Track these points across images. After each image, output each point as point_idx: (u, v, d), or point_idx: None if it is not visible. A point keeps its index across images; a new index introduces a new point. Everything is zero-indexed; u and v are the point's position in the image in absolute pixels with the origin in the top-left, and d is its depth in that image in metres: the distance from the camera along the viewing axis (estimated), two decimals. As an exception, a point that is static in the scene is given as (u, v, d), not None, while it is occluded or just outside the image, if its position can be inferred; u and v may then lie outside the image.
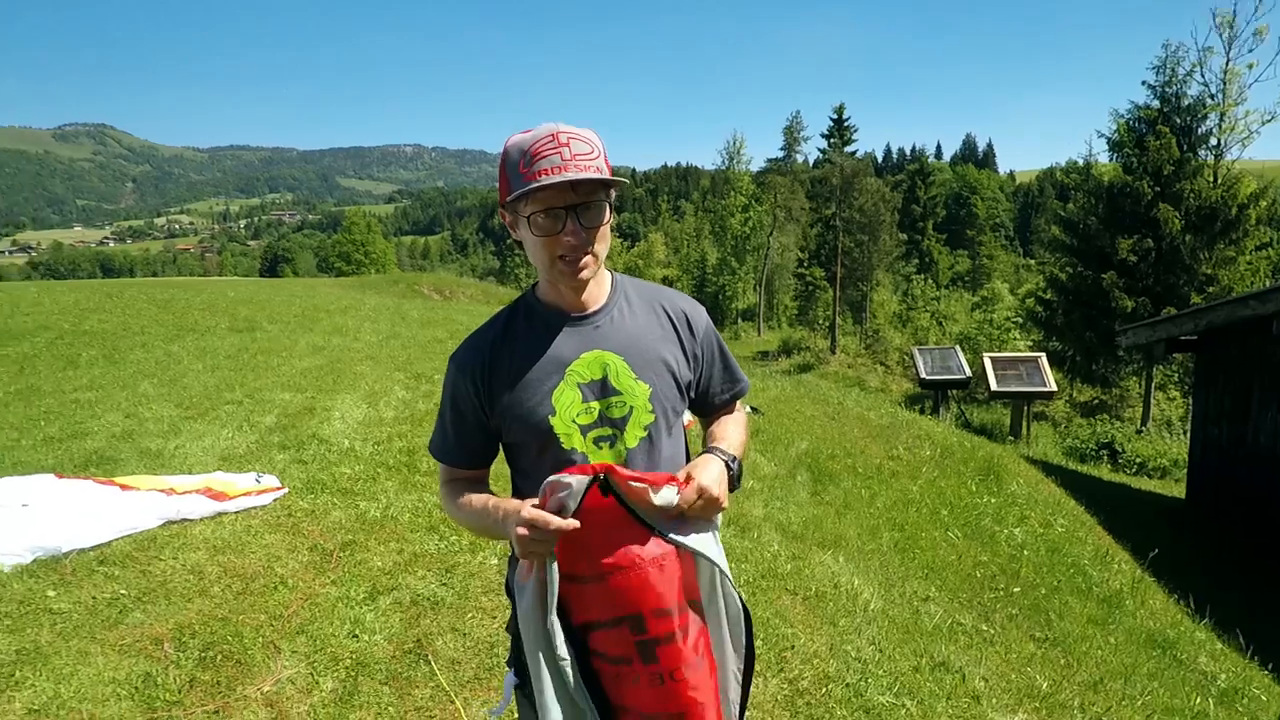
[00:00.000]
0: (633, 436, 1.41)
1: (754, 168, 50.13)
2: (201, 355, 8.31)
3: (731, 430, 1.56)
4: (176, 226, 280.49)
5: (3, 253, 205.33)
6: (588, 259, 1.32)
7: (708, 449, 1.48)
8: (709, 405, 1.59)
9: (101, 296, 12.10)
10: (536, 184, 1.24)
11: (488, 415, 1.43)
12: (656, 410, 1.43)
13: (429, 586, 3.21)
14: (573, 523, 1.22)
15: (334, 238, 59.67)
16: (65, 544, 3.46)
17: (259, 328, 10.36)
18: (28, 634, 2.76)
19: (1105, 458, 11.09)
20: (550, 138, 1.27)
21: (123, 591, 3.07)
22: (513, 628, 1.48)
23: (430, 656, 2.73)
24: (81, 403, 6.27)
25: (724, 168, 52.61)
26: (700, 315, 1.54)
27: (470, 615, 3.02)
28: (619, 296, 1.47)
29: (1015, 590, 4.07)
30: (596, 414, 1.40)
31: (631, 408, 1.41)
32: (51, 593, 3.07)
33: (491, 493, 1.47)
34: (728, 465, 1.42)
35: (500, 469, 1.54)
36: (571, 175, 1.24)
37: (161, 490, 4.07)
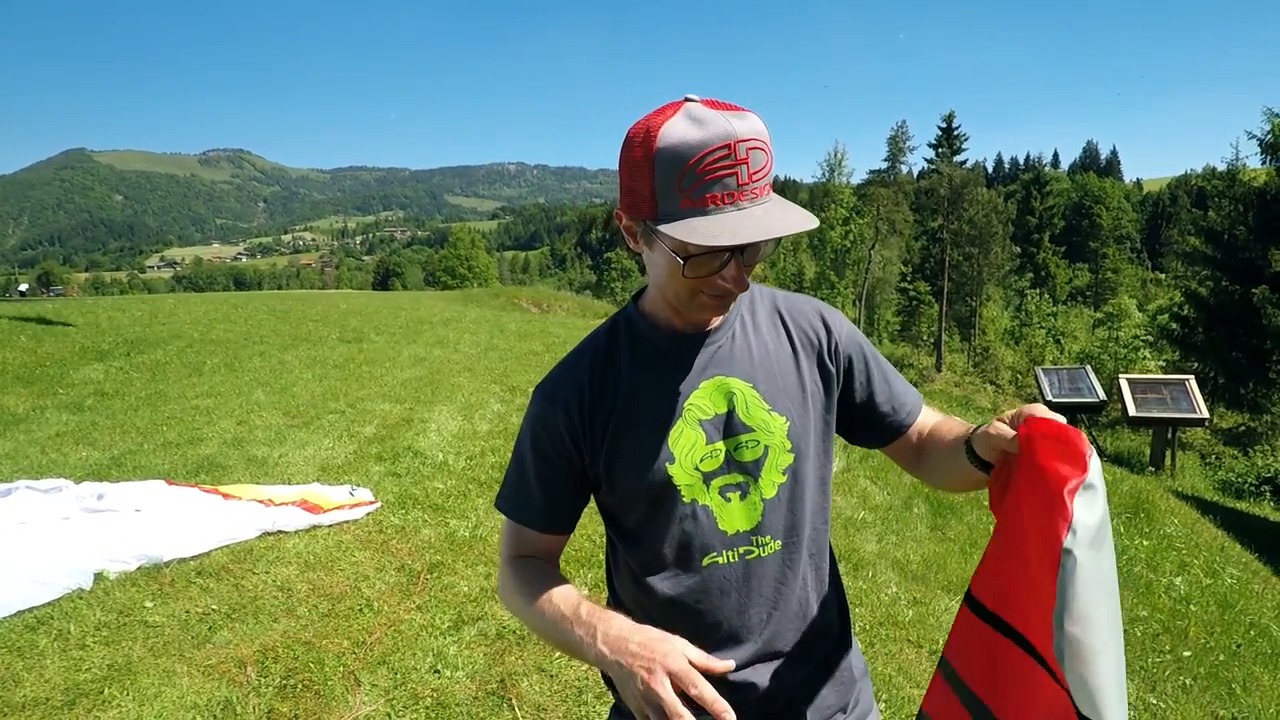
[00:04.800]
0: (769, 484, 1.10)
1: (855, 180, 48.66)
2: (312, 364, 8.60)
3: (956, 424, 1.18)
4: (301, 243, 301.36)
5: (153, 267, 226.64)
6: (738, 292, 1.02)
7: (975, 431, 1.04)
8: (884, 428, 1.23)
9: (229, 307, 12.86)
10: (710, 244, 0.90)
11: (585, 464, 1.12)
12: (797, 448, 1.11)
13: (515, 618, 3.01)
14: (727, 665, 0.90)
15: (440, 253, 62.26)
16: (168, 553, 3.49)
17: (366, 338, 10.69)
18: (122, 647, 2.74)
19: (1268, 494, 9.80)
20: (726, 149, 0.89)
21: (214, 607, 3.03)
22: None
23: (514, 701, 2.51)
24: (200, 409, 6.54)
25: (823, 180, 51.33)
26: (839, 321, 1.21)
27: (558, 654, 2.79)
28: (738, 308, 1.16)
29: (1185, 654, 3.47)
30: (723, 457, 1.09)
31: (766, 447, 1.10)
32: (149, 604, 3.06)
33: (565, 580, 1.13)
34: None
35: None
36: (759, 234, 0.89)
37: (260, 501, 4.09)
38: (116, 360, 8.55)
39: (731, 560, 1.10)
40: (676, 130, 0.91)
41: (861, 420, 1.23)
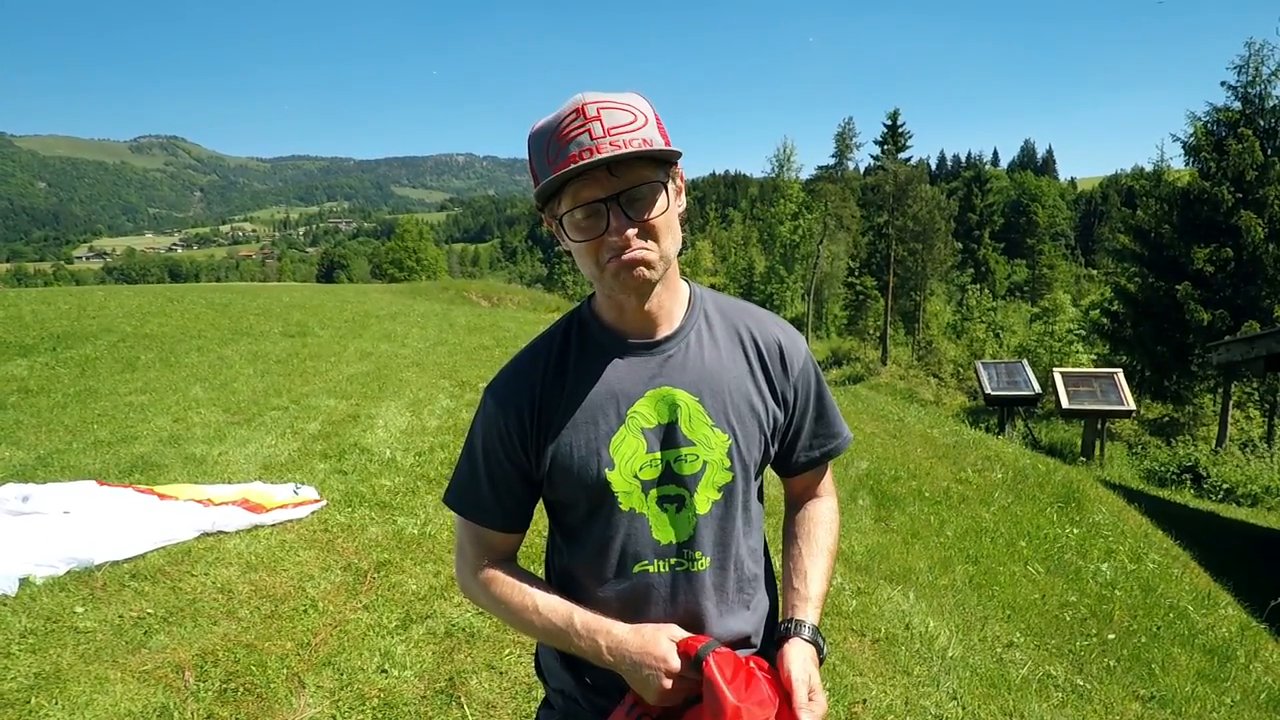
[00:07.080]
0: (704, 500, 1.11)
1: (804, 175, 49.44)
2: (253, 359, 8.34)
3: (819, 554, 1.22)
4: (240, 234, 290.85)
5: (81, 258, 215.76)
6: (646, 255, 1.00)
7: (787, 624, 1.14)
8: (790, 465, 1.25)
9: (164, 300, 12.37)
10: (556, 175, 0.95)
11: (532, 464, 1.12)
12: (735, 467, 1.12)
13: (464, 615, 2.99)
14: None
15: (387, 245, 60.87)
16: (100, 555, 3.36)
17: (310, 333, 10.42)
18: (50, 655, 2.63)
19: (1188, 482, 10.34)
20: (575, 113, 0.97)
21: (150, 610, 2.93)
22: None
23: (463, 699, 2.50)
24: (134, 406, 6.29)
25: (773, 175, 52.05)
26: (798, 347, 1.20)
27: (507, 650, 2.79)
28: (697, 317, 1.15)
29: (1110, 637, 3.65)
30: (661, 468, 1.10)
31: (705, 463, 1.10)
32: (80, 609, 2.94)
33: (546, 586, 1.17)
34: (818, 650, 1.12)
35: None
36: (605, 156, 0.94)
37: (199, 500, 3.96)
38: (41, 355, 8.16)
39: (662, 570, 1.11)
40: (541, 118, 1.02)
41: (779, 455, 1.24)
